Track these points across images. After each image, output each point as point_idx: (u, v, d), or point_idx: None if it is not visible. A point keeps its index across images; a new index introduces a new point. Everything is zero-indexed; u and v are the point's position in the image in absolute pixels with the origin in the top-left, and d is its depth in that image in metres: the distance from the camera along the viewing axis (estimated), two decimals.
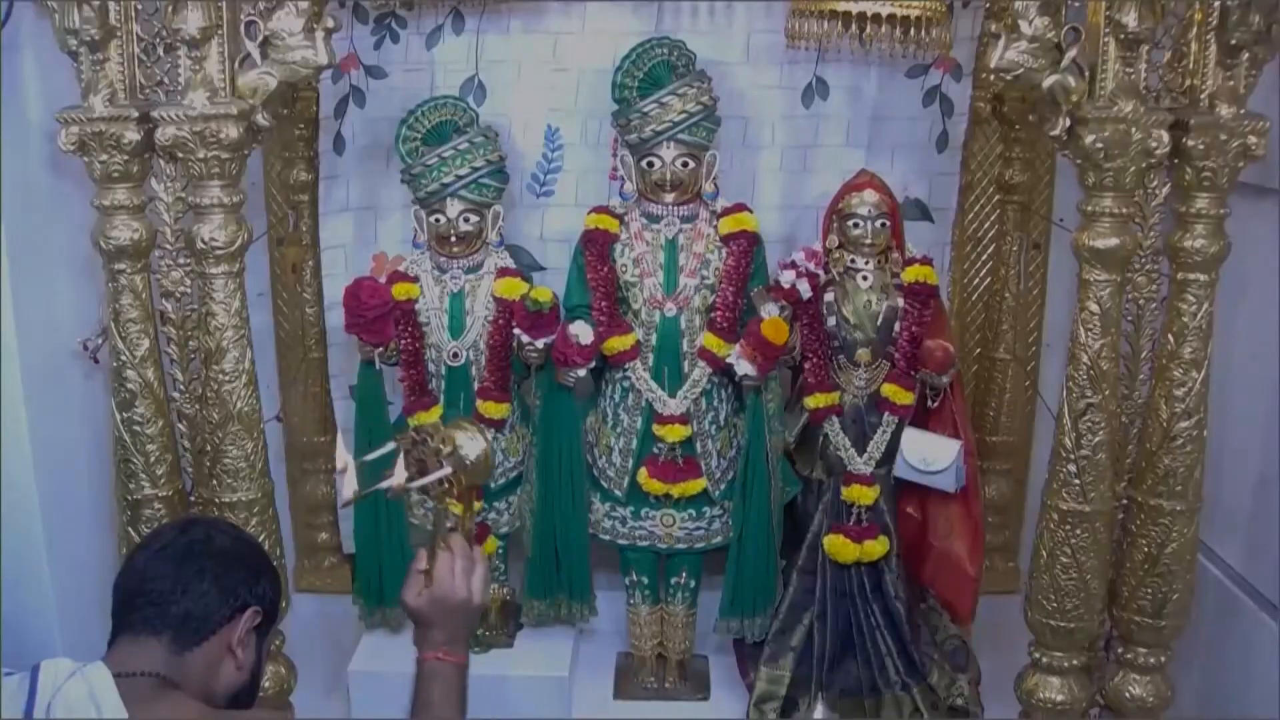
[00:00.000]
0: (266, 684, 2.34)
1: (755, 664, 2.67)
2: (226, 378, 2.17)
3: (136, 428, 2.20)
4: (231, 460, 2.20)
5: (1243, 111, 2.13)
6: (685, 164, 2.56)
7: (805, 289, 2.53)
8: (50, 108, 2.12)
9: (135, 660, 1.54)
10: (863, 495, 2.59)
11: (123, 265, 2.14)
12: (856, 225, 2.56)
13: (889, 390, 2.57)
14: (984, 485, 2.96)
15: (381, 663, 2.72)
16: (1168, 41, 2.20)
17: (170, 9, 2.05)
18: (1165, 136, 2.09)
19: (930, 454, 2.56)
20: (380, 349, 2.59)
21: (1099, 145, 2.08)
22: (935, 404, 2.59)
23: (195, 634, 1.58)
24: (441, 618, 1.67)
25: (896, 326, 2.57)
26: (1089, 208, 2.15)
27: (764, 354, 2.47)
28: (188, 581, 1.58)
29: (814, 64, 2.74)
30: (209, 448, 2.23)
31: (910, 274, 2.57)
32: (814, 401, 2.59)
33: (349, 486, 1.71)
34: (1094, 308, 2.17)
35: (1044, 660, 2.38)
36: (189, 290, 2.26)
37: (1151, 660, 2.40)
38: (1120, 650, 2.43)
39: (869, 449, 2.60)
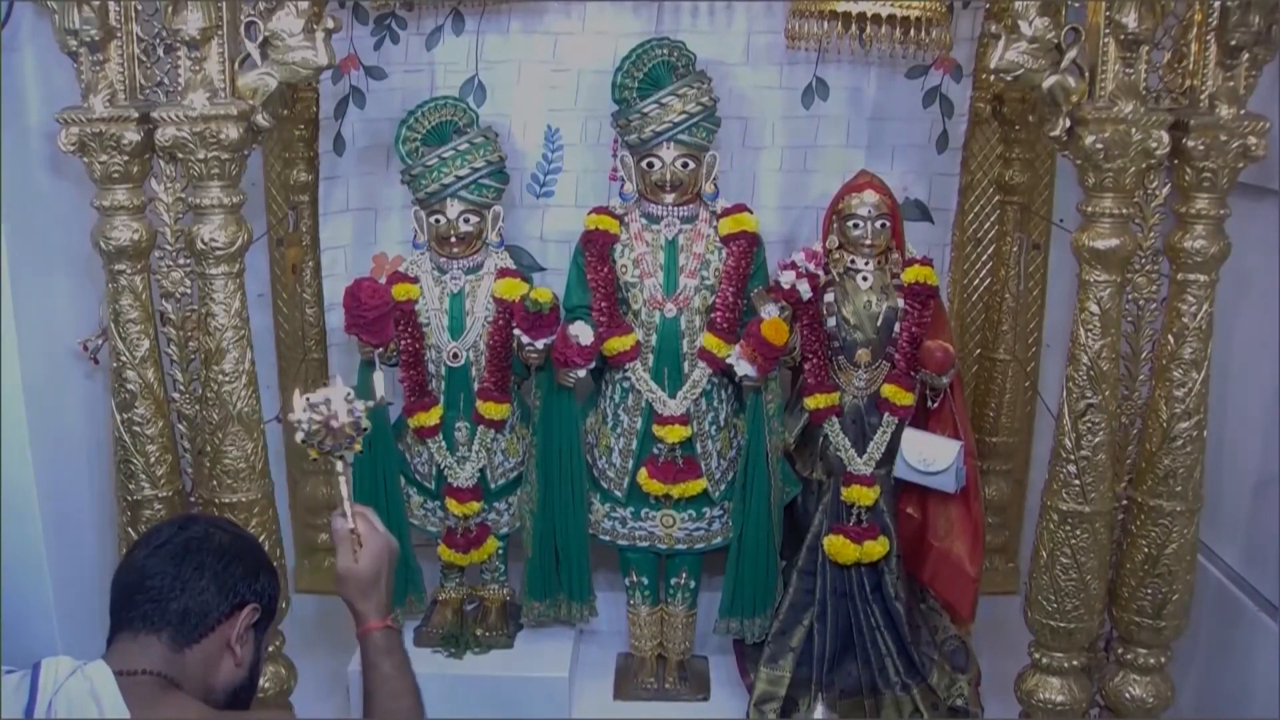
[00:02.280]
0: (266, 684, 2.34)
1: (755, 664, 2.67)
2: (226, 378, 2.17)
3: (136, 428, 2.20)
4: (231, 461, 2.21)
5: (1243, 112, 2.13)
6: (685, 164, 2.56)
7: (805, 289, 2.53)
8: (50, 108, 2.12)
9: (135, 658, 1.54)
10: (863, 496, 2.59)
11: (123, 266, 2.15)
12: (856, 226, 2.56)
13: (889, 391, 2.57)
14: (984, 485, 2.96)
15: None
16: (1168, 42, 2.20)
17: (170, 9, 2.05)
18: (1165, 137, 2.09)
19: (930, 454, 2.56)
20: (380, 349, 2.59)
21: (1099, 146, 2.08)
22: (935, 404, 2.59)
23: (194, 631, 1.58)
24: (377, 579, 1.73)
25: (896, 327, 2.57)
26: (1089, 208, 2.15)
27: (764, 354, 2.47)
28: (186, 578, 1.59)
29: (814, 65, 2.74)
30: (209, 448, 2.23)
31: (910, 274, 2.57)
32: (814, 402, 2.59)
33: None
34: (1094, 308, 2.17)
35: (1044, 660, 2.38)
36: (189, 291, 2.26)
37: (1151, 660, 2.40)
38: (1120, 650, 2.43)
39: (869, 449, 2.60)
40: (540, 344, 2.51)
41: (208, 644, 1.59)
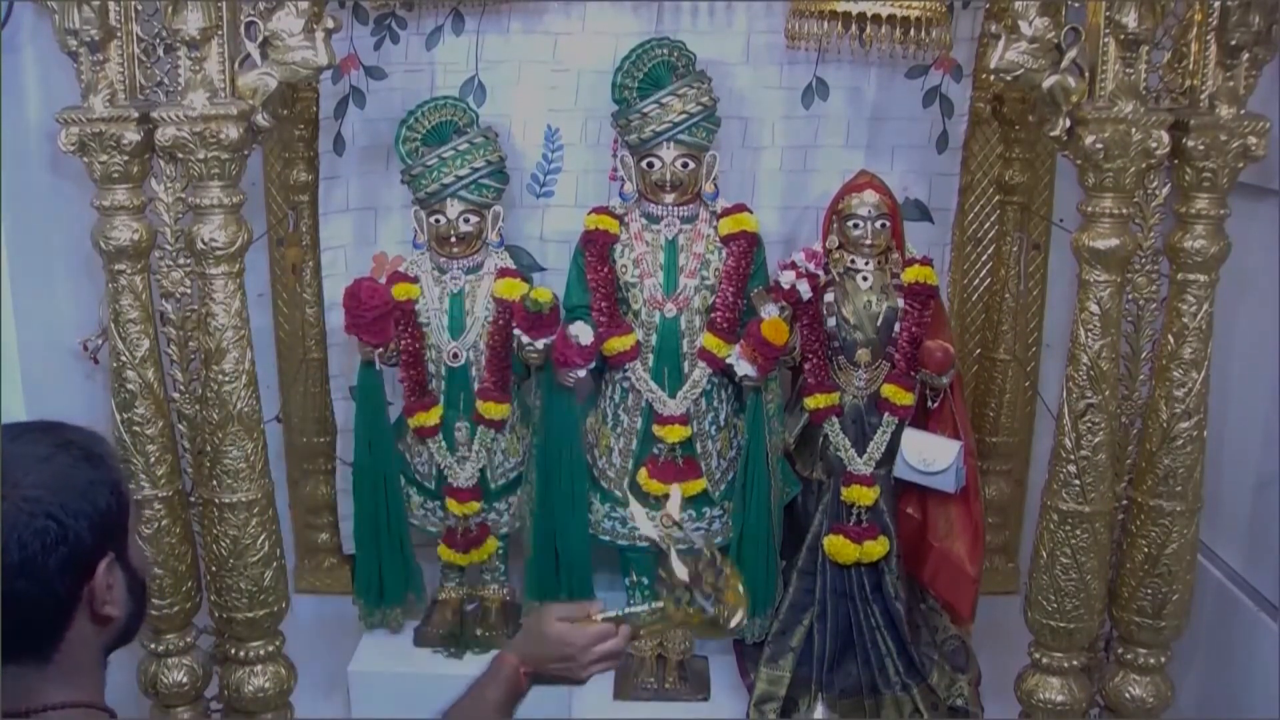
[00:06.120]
0: (266, 684, 2.34)
1: (755, 664, 2.67)
2: (226, 378, 2.17)
3: (136, 428, 2.20)
4: (231, 460, 2.20)
5: (1243, 112, 2.13)
6: (685, 164, 2.56)
7: (805, 289, 2.53)
8: (50, 108, 2.12)
9: (10, 695, 1.27)
10: (863, 496, 2.59)
11: (123, 265, 2.15)
12: (856, 226, 2.56)
13: (889, 391, 2.57)
14: (984, 485, 2.96)
15: (381, 663, 2.72)
16: (1168, 42, 2.20)
17: (170, 9, 2.05)
18: (1165, 137, 2.09)
19: (930, 454, 2.56)
20: (380, 349, 2.59)
21: (1099, 146, 2.08)
22: (935, 404, 2.59)
23: (50, 640, 1.27)
24: (550, 652, 1.75)
25: (896, 327, 2.57)
26: (1089, 208, 2.15)
27: (764, 355, 2.47)
28: (16, 607, 1.23)
29: (814, 64, 2.73)
30: (209, 448, 2.23)
31: (910, 274, 2.57)
32: (814, 402, 2.59)
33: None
34: (1094, 308, 2.17)
35: (1044, 660, 2.38)
36: (189, 291, 2.26)
37: (1151, 660, 2.40)
38: (1120, 650, 2.43)
39: (869, 449, 2.60)
40: (540, 344, 2.51)
41: (73, 633, 1.28)
